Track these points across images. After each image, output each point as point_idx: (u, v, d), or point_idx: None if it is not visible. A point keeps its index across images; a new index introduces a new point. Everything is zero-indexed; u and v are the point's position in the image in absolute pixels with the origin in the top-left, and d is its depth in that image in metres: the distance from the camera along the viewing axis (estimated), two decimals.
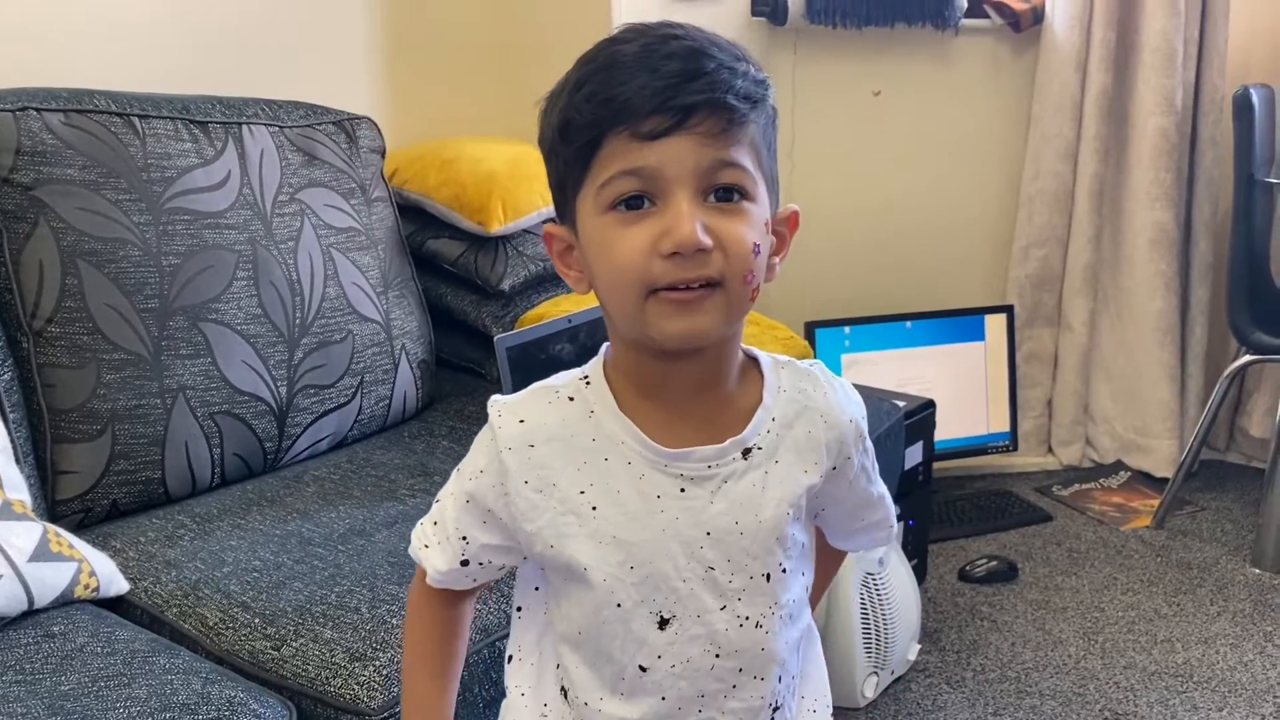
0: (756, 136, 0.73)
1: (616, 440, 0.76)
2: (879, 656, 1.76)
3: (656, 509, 0.76)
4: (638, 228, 0.70)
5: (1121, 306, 2.64)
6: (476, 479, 0.79)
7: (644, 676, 0.77)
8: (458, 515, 0.80)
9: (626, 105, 0.69)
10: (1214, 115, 2.54)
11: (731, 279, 0.71)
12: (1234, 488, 2.65)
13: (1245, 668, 1.90)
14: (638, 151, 0.69)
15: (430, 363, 1.85)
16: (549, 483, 0.76)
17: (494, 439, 0.77)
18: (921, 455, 2.03)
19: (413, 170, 2.00)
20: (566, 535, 0.76)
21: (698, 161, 0.69)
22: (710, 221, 0.70)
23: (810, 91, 2.55)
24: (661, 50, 0.69)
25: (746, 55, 0.74)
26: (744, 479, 0.77)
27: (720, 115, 0.69)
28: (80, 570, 1.20)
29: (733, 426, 0.77)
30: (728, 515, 0.76)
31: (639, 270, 0.70)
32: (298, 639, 1.13)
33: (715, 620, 0.77)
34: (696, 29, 0.73)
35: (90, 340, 1.38)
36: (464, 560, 0.81)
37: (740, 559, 0.77)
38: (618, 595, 0.76)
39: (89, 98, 1.47)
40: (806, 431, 0.79)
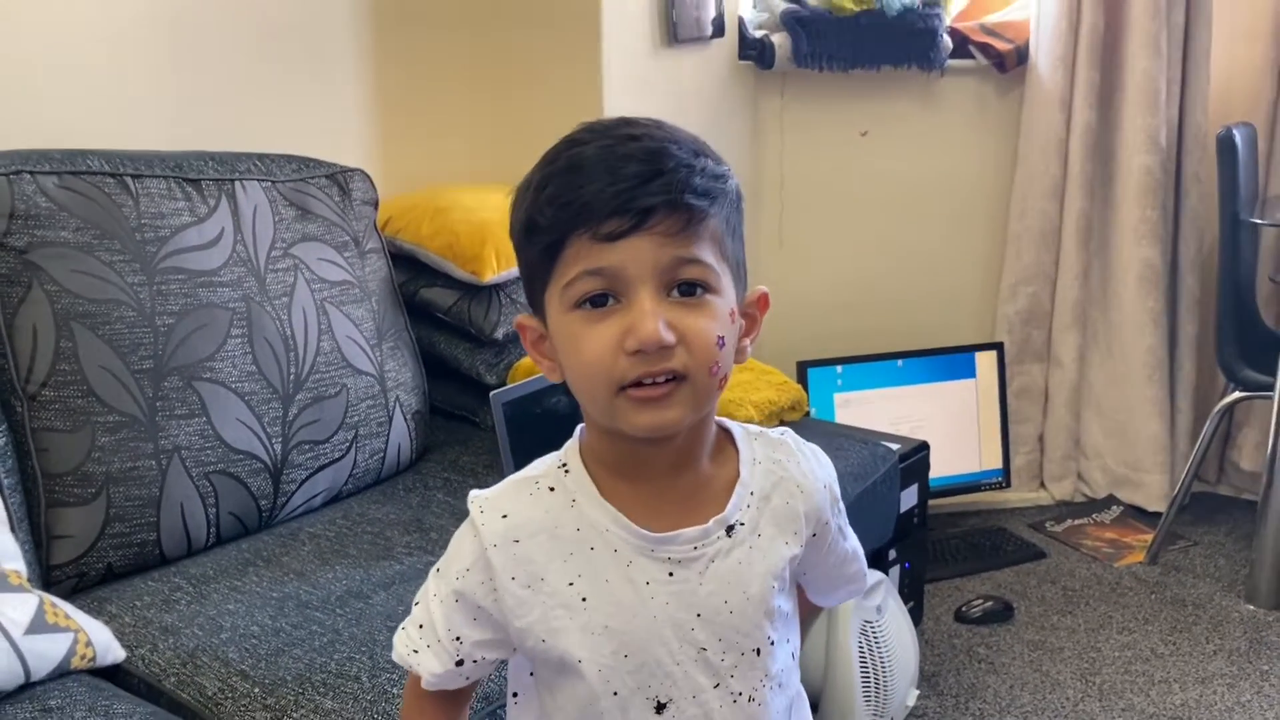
0: (718, 229, 0.74)
1: (601, 529, 0.76)
2: (878, 704, 1.76)
3: (647, 595, 0.76)
4: (602, 325, 0.72)
5: (1111, 342, 2.66)
6: (464, 577, 0.78)
7: None
8: (447, 615, 0.79)
9: (586, 208, 0.70)
10: (1197, 153, 2.56)
11: (696, 372, 0.72)
12: (1225, 520, 2.66)
13: (1243, 709, 1.90)
14: (599, 252, 0.70)
15: (424, 413, 1.85)
16: (537, 577, 0.76)
17: (477, 536, 0.77)
18: (917, 498, 2.03)
19: (405, 220, 2.00)
20: (558, 629, 0.76)
21: (657, 260, 0.71)
22: (673, 317, 0.71)
23: (798, 134, 2.58)
24: (619, 151, 0.71)
25: (705, 149, 0.75)
26: (730, 557, 0.78)
27: (679, 214, 0.71)
28: (77, 640, 1.18)
29: (713, 503, 0.78)
30: (717, 595, 0.77)
31: (606, 367, 0.71)
32: (298, 710, 1.12)
33: (710, 699, 0.78)
34: (656, 126, 0.74)
35: (85, 403, 1.38)
36: (459, 660, 0.79)
37: (731, 637, 0.78)
38: (613, 684, 0.76)
39: (82, 159, 1.47)
40: (785, 502, 0.81)
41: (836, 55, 2.44)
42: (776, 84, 2.53)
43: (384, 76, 2.14)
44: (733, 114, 2.49)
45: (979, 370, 2.60)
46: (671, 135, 0.74)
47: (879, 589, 1.78)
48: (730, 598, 0.77)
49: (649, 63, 2.26)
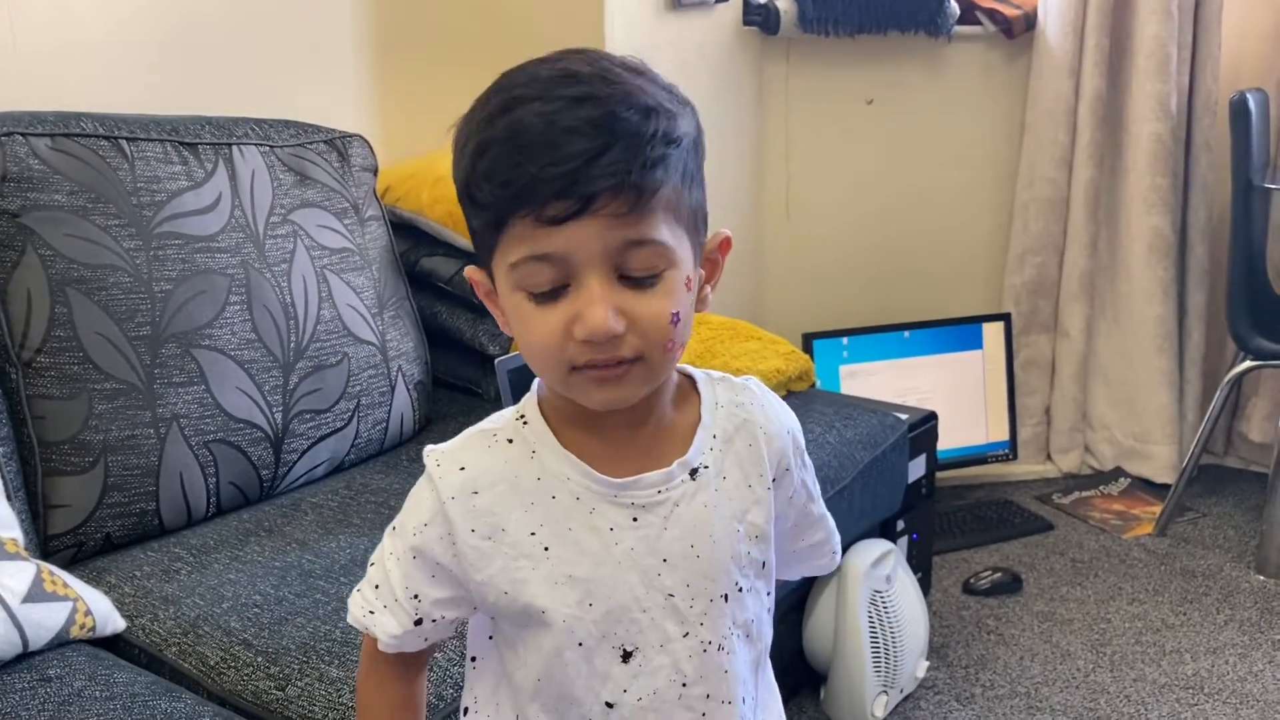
0: (671, 197, 0.69)
1: (562, 477, 0.75)
2: (888, 675, 1.74)
3: (610, 542, 0.74)
4: (551, 310, 0.69)
5: (1119, 312, 2.63)
6: (421, 533, 0.75)
7: (611, 714, 0.75)
8: (405, 574, 0.77)
9: (527, 189, 0.65)
10: (1208, 120, 2.53)
11: (650, 352, 0.70)
12: (1234, 492, 2.64)
13: (1255, 678, 1.88)
14: (544, 236, 0.66)
15: (427, 384, 1.82)
16: (497, 528, 0.74)
17: (434, 490, 0.75)
18: (924, 468, 2.01)
19: (405, 188, 1.97)
20: (520, 580, 0.74)
21: (606, 244, 0.67)
22: (624, 302, 0.68)
23: (804, 100, 2.54)
24: (562, 121, 0.65)
25: (656, 99, 0.68)
26: (694, 500, 0.76)
27: (627, 194, 0.66)
28: (75, 610, 1.16)
29: (675, 448, 0.77)
30: (683, 540, 0.75)
31: (556, 350, 0.69)
32: (303, 678, 1.10)
33: (678, 649, 0.76)
34: (600, 75, 0.68)
35: (81, 370, 1.35)
36: (417, 620, 0.77)
37: (698, 582, 0.76)
38: (579, 634, 0.74)
39: (76, 121, 1.44)
40: (748, 445, 0.80)
41: (842, 20, 2.41)
42: (782, 50, 2.49)
43: (383, 42, 2.10)
44: (737, 81, 2.45)
45: (986, 341, 2.58)
46: (619, 90, 0.67)
47: (888, 558, 1.76)
48: (696, 542, 0.76)
49: (652, 28, 2.22)
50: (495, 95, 0.69)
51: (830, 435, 1.74)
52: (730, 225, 0.80)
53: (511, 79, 0.69)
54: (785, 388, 1.89)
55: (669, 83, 0.72)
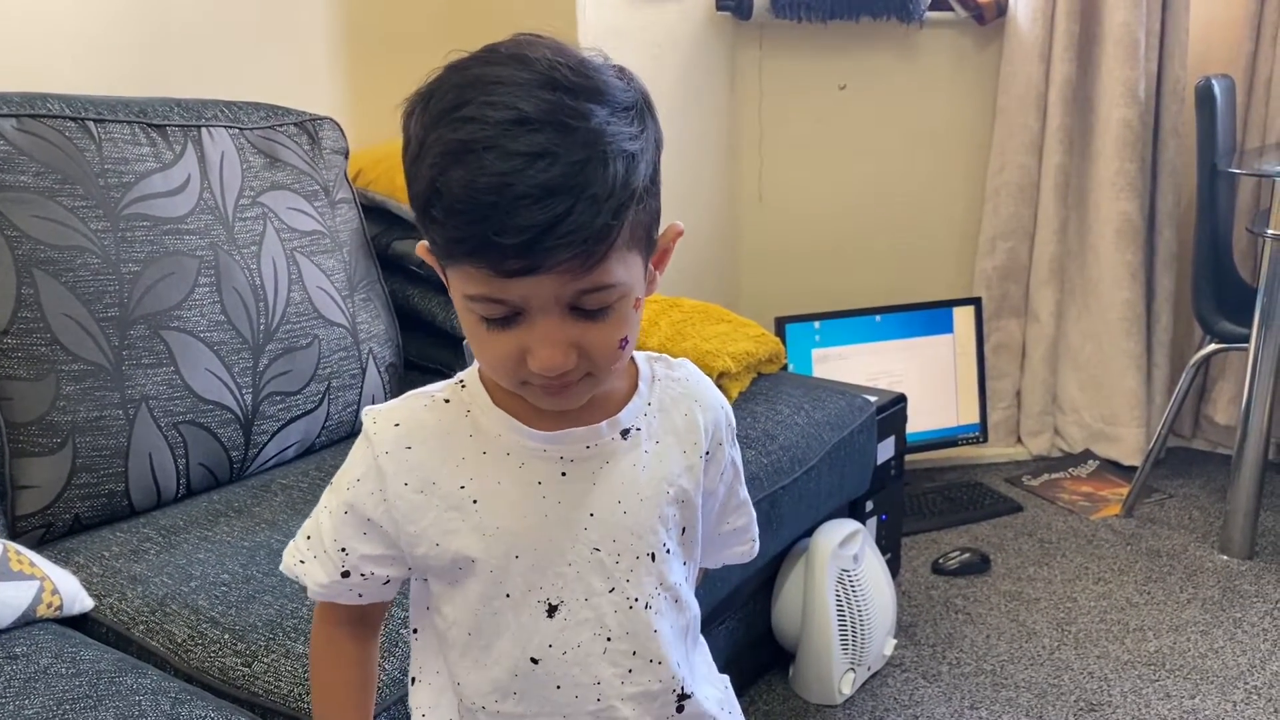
0: (627, 230, 0.68)
1: (494, 434, 0.77)
2: (856, 653, 1.76)
3: (538, 495, 0.76)
4: (504, 335, 0.69)
5: (1088, 297, 2.66)
6: (354, 488, 0.78)
7: (536, 669, 0.77)
8: (335, 527, 0.79)
9: (481, 250, 0.65)
10: (1176, 106, 2.55)
11: (599, 371, 0.72)
12: (1200, 474, 2.68)
13: (1216, 654, 1.92)
14: (499, 284, 0.66)
15: (398, 366, 1.83)
16: (429, 481, 0.76)
17: (369, 445, 0.77)
18: (893, 449, 2.03)
19: (377, 171, 1.97)
20: (451, 531, 0.76)
21: (559, 294, 0.67)
22: (576, 333, 0.69)
23: (776, 86, 2.55)
24: (519, 185, 0.62)
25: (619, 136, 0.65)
26: (624, 459, 0.78)
27: (581, 256, 0.65)
28: (42, 589, 1.17)
29: (607, 412, 0.79)
30: (610, 495, 0.77)
31: (509, 369, 0.71)
32: (269, 654, 1.11)
33: (603, 604, 0.77)
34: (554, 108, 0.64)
35: (48, 351, 1.35)
36: (345, 571, 0.79)
37: (625, 538, 0.78)
38: (505, 585, 0.76)
39: (42, 102, 1.43)
40: (684, 414, 0.82)
41: (815, 6, 2.42)
42: (754, 35, 2.50)
43: (355, 24, 2.10)
44: (710, 66, 2.46)
45: (957, 326, 2.60)
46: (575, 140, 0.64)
47: (856, 538, 1.78)
48: (624, 498, 0.78)
49: (625, 13, 2.23)
50: (444, 121, 0.65)
51: (798, 416, 1.76)
52: (703, 210, 0.82)
53: (459, 106, 0.65)
54: (755, 370, 1.90)
55: (626, 84, 0.69)
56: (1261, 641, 1.95)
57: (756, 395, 1.83)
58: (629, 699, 0.79)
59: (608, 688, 0.78)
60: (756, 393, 1.84)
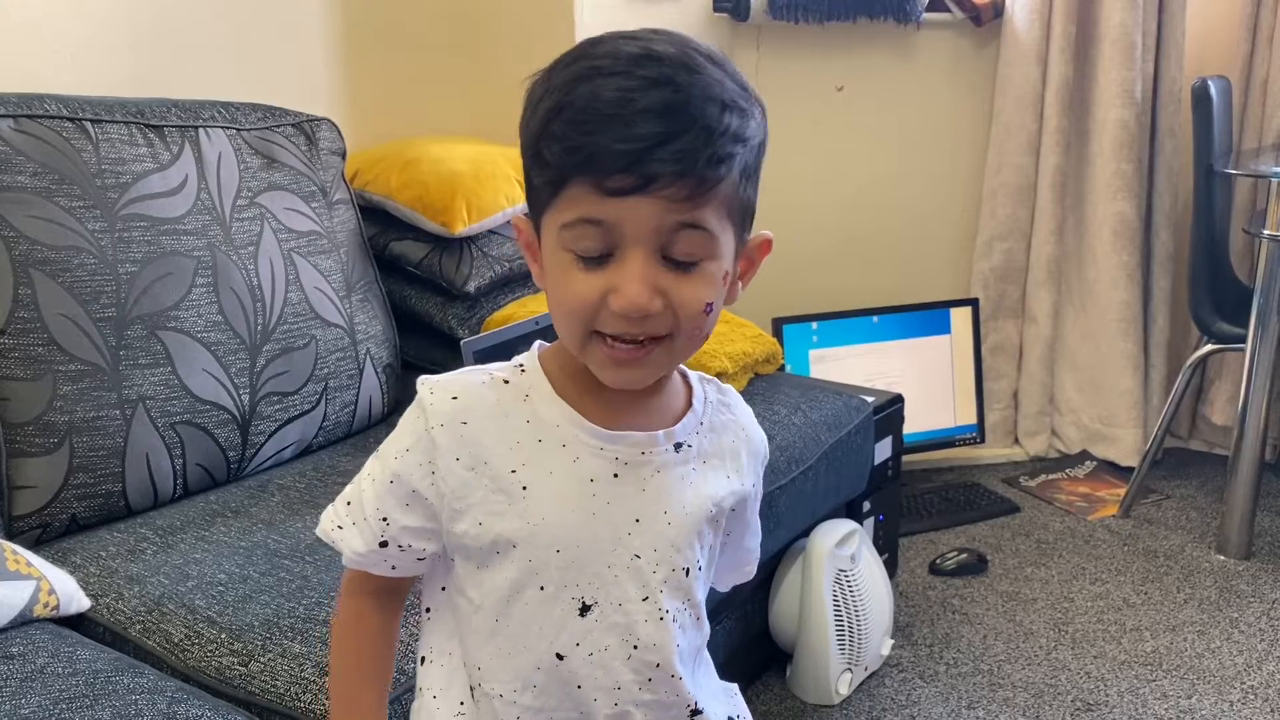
0: (729, 189, 0.70)
1: (552, 423, 0.76)
2: (853, 653, 1.76)
3: (589, 492, 0.76)
4: (592, 275, 0.70)
5: (1085, 298, 2.66)
6: (402, 458, 0.77)
7: (560, 665, 0.77)
8: (379, 495, 0.78)
9: (593, 158, 0.67)
10: (1172, 107, 2.56)
11: (679, 336, 0.72)
12: (1197, 475, 2.68)
13: (1213, 654, 1.92)
14: (600, 203, 0.68)
15: (396, 367, 1.83)
16: (481, 460, 0.75)
17: (423, 415, 0.76)
18: (891, 450, 2.03)
19: (374, 172, 1.97)
20: (495, 514, 0.75)
21: (659, 223, 0.68)
22: (664, 282, 0.69)
23: (773, 87, 2.55)
24: (639, 102, 0.66)
25: (733, 96, 0.69)
26: (674, 471, 0.78)
27: (688, 181, 0.67)
28: (39, 588, 1.17)
29: (665, 422, 0.79)
30: (657, 504, 0.77)
31: (587, 314, 0.71)
32: (265, 654, 1.11)
33: (635, 611, 0.77)
34: (683, 63, 0.68)
35: (45, 351, 1.35)
36: (383, 541, 0.78)
37: (665, 550, 0.78)
38: (542, 578, 0.76)
39: (39, 102, 1.43)
40: (731, 440, 0.83)
41: (812, 7, 2.42)
42: (752, 36, 2.50)
43: (352, 26, 2.10)
44: None
45: (954, 326, 2.60)
46: (699, 80, 0.68)
47: (853, 538, 1.78)
48: (670, 509, 0.78)
49: (622, 13, 2.23)
50: (576, 62, 0.70)
51: (795, 417, 1.76)
52: None
53: (594, 49, 0.70)
54: (753, 370, 1.90)
55: (745, 79, 0.73)
56: (1258, 642, 1.96)
57: (754, 396, 1.83)
58: (643, 705, 0.79)
59: (626, 693, 0.78)
60: (754, 393, 1.84)
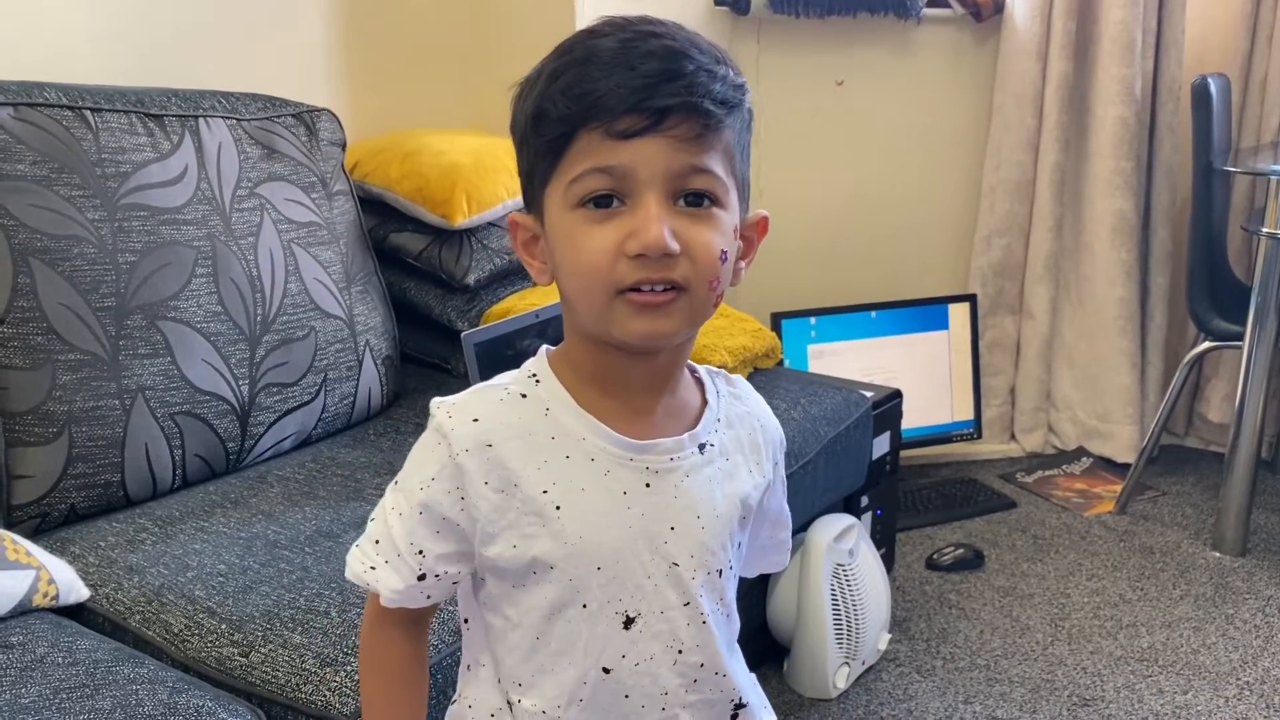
0: (731, 142, 0.72)
1: (577, 437, 0.75)
2: (850, 647, 1.77)
3: (623, 505, 0.75)
4: (606, 227, 0.69)
5: (1083, 294, 2.66)
6: (429, 487, 0.75)
7: (607, 679, 0.76)
8: (410, 529, 0.76)
9: (601, 102, 0.67)
10: (1171, 104, 2.56)
11: (696, 284, 0.71)
12: (1193, 472, 2.69)
13: (1208, 650, 1.93)
14: (610, 150, 0.68)
15: (395, 359, 1.82)
16: (510, 483, 0.73)
17: (445, 442, 0.74)
18: (889, 445, 2.03)
19: (374, 163, 1.97)
20: (530, 536, 0.74)
21: (669, 164, 0.69)
22: (678, 226, 0.69)
23: (774, 82, 2.55)
24: (640, 48, 0.68)
25: (727, 58, 0.73)
26: (701, 473, 0.78)
27: (695, 119, 0.69)
28: (38, 578, 1.16)
29: (685, 424, 0.79)
30: (690, 510, 0.77)
31: (605, 270, 0.69)
32: (266, 645, 1.11)
33: (677, 617, 0.77)
34: (677, 27, 0.72)
35: (45, 341, 1.35)
36: (421, 575, 0.76)
37: (700, 554, 0.77)
38: (583, 595, 0.75)
39: (39, 90, 1.43)
40: (748, 433, 0.83)
41: (813, 1, 2.42)
42: (753, 30, 2.50)
43: (353, 16, 2.09)
44: None
45: (952, 322, 2.60)
46: (694, 39, 0.71)
47: (851, 533, 1.79)
48: (702, 513, 0.77)
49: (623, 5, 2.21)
50: (574, 38, 0.72)
51: (795, 411, 1.76)
52: None
53: (590, 27, 0.72)
54: (752, 365, 1.90)
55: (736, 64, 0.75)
56: (1254, 638, 1.96)
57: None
58: (690, 706, 0.79)
59: (673, 697, 0.78)
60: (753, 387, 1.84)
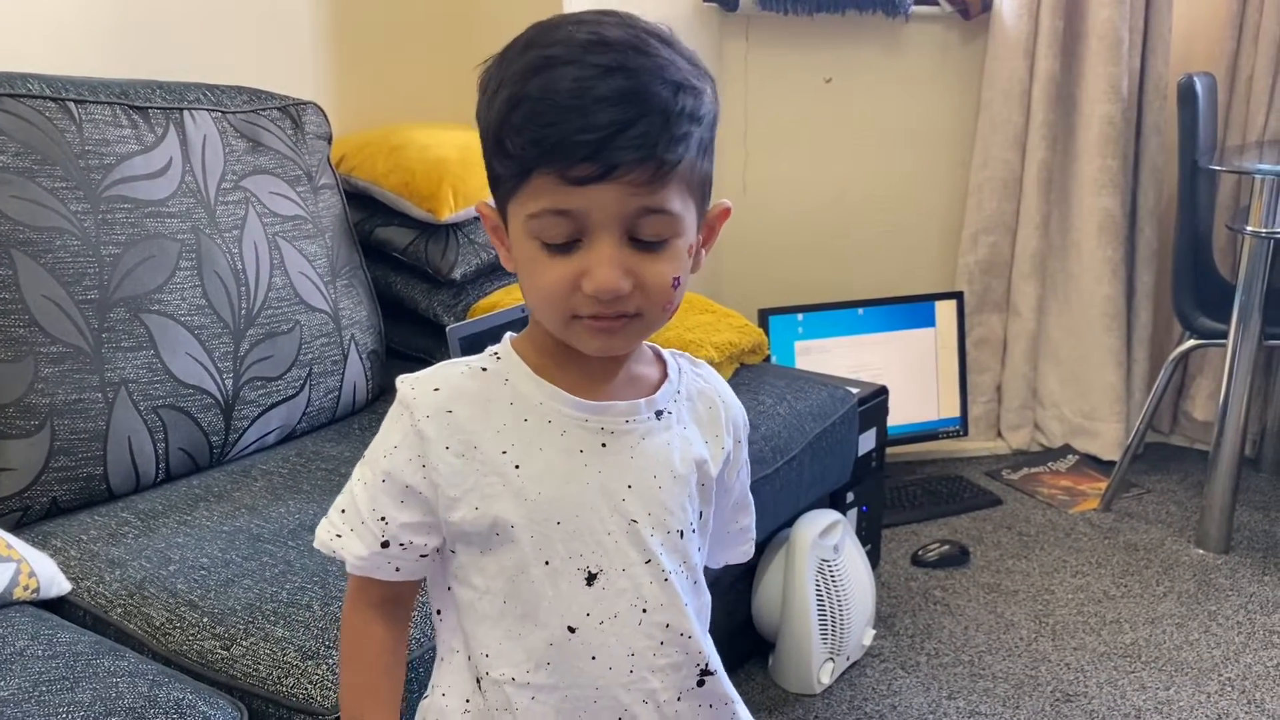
0: (688, 167, 0.72)
1: (535, 402, 0.78)
2: (835, 643, 1.77)
3: (580, 463, 0.77)
4: (561, 261, 0.72)
5: (1069, 292, 2.67)
6: (391, 455, 0.78)
7: (573, 638, 0.77)
8: (373, 497, 0.78)
9: (556, 150, 0.68)
10: (1158, 103, 2.57)
11: (650, 311, 0.74)
12: (1178, 470, 2.70)
13: (1191, 647, 1.93)
14: (565, 194, 0.70)
15: (380, 353, 1.82)
16: (470, 445, 0.76)
17: (407, 411, 0.77)
18: (875, 441, 2.04)
19: (360, 157, 1.96)
20: (491, 496, 0.76)
21: (623, 209, 0.70)
22: (632, 262, 0.72)
23: (762, 79, 2.55)
24: (596, 91, 0.68)
25: (684, 75, 0.71)
26: (658, 437, 0.80)
27: (649, 166, 0.69)
28: (19, 571, 1.16)
29: (643, 392, 0.81)
30: (646, 470, 0.79)
31: (562, 299, 0.73)
32: (248, 638, 1.11)
33: (640, 574, 0.78)
34: (633, 44, 0.70)
35: (27, 333, 1.34)
36: (384, 542, 0.78)
37: (659, 513, 0.79)
38: (545, 552, 0.77)
39: (21, 82, 1.42)
40: (708, 407, 0.85)
41: None
42: (740, 27, 2.50)
43: (339, 8, 2.09)
44: None
45: (939, 320, 2.61)
46: (650, 63, 0.70)
47: (836, 529, 1.79)
48: (659, 473, 0.79)
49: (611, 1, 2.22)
50: (528, 50, 0.71)
51: (781, 407, 1.77)
52: None
53: (545, 36, 0.71)
54: (738, 360, 1.91)
55: (692, 53, 0.75)
56: (1236, 634, 1.97)
57: (739, 385, 1.83)
58: (658, 670, 0.80)
59: (640, 659, 0.79)
60: (739, 383, 1.84)
